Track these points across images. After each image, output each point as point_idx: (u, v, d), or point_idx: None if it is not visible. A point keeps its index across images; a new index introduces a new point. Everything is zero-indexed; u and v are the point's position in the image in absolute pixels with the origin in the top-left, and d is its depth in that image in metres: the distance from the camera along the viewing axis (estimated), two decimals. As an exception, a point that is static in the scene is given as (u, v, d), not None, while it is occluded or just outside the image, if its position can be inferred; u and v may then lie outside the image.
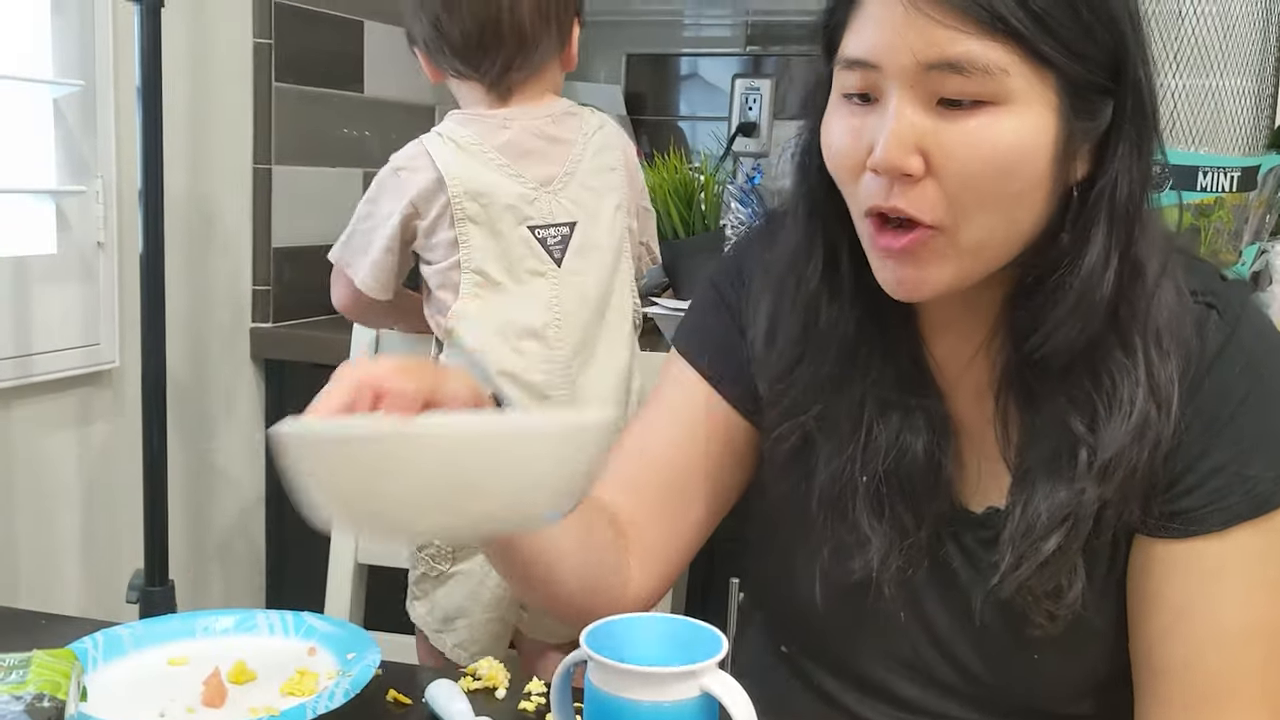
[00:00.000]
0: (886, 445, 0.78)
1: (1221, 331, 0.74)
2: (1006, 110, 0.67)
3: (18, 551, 1.42)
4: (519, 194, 1.20)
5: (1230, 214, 1.53)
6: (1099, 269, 0.70)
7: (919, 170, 0.68)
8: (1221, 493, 0.74)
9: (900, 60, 0.68)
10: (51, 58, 1.38)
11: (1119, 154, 0.70)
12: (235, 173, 1.69)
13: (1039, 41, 0.67)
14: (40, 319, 1.39)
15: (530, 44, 1.20)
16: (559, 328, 1.20)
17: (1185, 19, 1.69)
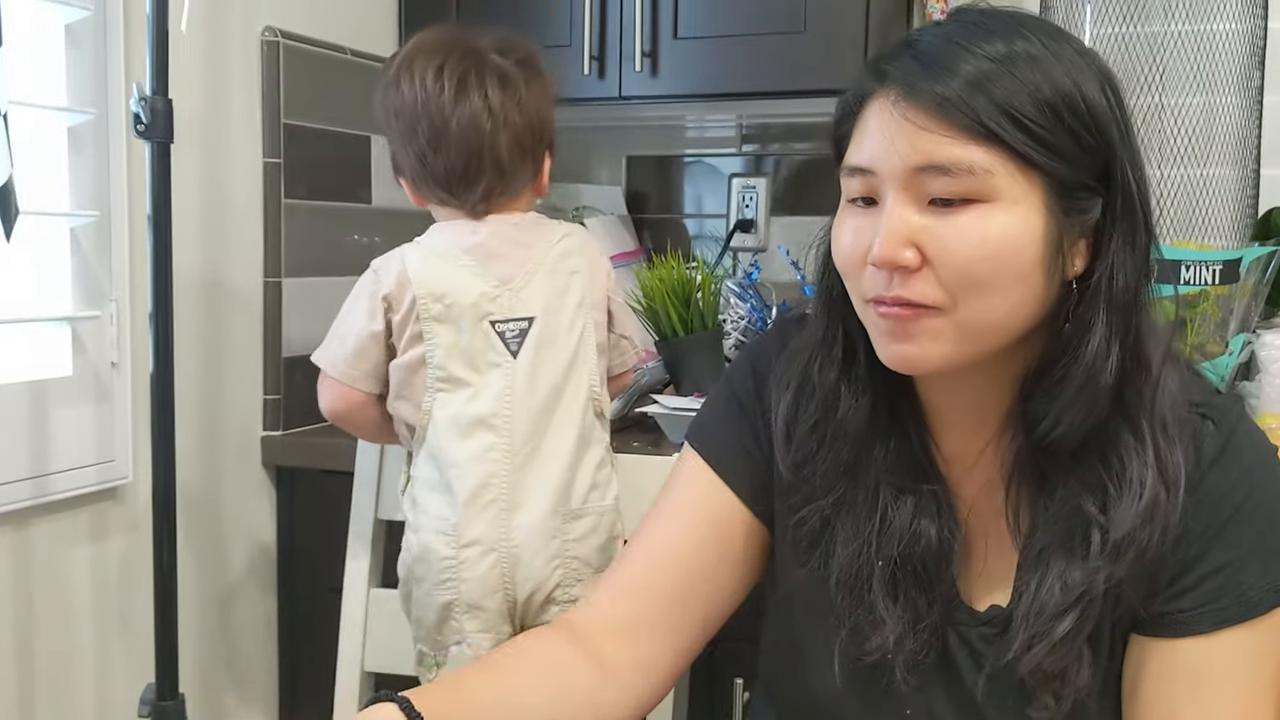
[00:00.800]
0: (901, 530, 0.82)
1: (1217, 440, 0.79)
2: (994, 207, 0.73)
3: (34, 666, 1.45)
4: (482, 292, 1.28)
5: (1215, 305, 1.55)
6: (1101, 356, 0.75)
7: (914, 262, 0.74)
8: (1214, 595, 0.77)
9: (893, 165, 0.75)
10: (69, 191, 1.44)
11: (1112, 249, 0.75)
12: (246, 286, 1.75)
13: (1022, 146, 0.72)
14: (56, 439, 1.44)
15: (508, 175, 1.30)
16: (508, 417, 1.27)
17: (1168, 111, 1.74)
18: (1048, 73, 0.74)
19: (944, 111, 0.72)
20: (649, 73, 1.86)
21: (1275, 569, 0.78)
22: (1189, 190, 1.72)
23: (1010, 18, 0.78)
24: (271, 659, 1.84)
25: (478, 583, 1.28)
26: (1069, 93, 0.73)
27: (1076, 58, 0.76)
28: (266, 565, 1.82)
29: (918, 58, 0.75)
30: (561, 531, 1.28)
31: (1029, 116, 0.72)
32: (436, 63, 1.30)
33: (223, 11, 1.67)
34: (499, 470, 1.27)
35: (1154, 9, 1.74)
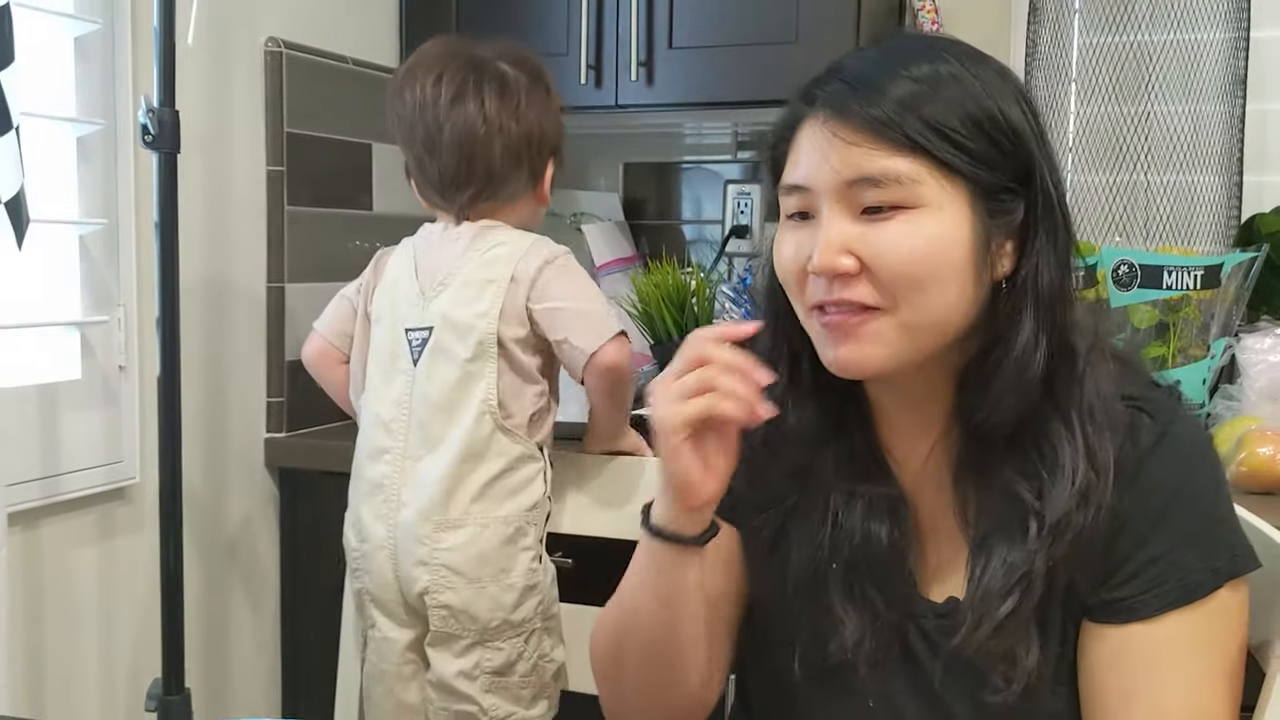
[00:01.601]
0: (852, 532, 0.86)
1: (1153, 432, 0.82)
2: (922, 212, 0.78)
3: (45, 662, 1.49)
4: (405, 297, 1.38)
5: (1198, 309, 1.59)
6: (1029, 349, 0.79)
7: (852, 268, 0.79)
8: (1157, 581, 0.81)
9: (827, 180, 0.79)
10: (78, 199, 1.48)
11: (1036, 248, 0.80)
12: (250, 292, 1.79)
13: (945, 155, 0.78)
14: (65, 440, 1.48)
15: (498, 181, 1.37)
16: (404, 423, 1.35)
17: (1154, 119, 1.78)
18: (968, 90, 0.79)
19: (872, 127, 0.77)
20: (644, 82, 1.90)
21: (1214, 552, 0.81)
22: (1174, 197, 1.75)
23: (934, 43, 0.84)
24: (274, 655, 1.87)
25: (376, 574, 1.37)
26: (988, 107, 0.78)
27: (996, 77, 0.81)
28: (269, 564, 1.85)
29: (845, 81, 0.80)
30: (432, 539, 1.32)
31: (951, 128, 0.77)
32: (437, 71, 1.36)
33: (227, 23, 1.71)
34: (390, 472, 1.35)
35: (1140, 19, 1.77)
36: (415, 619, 1.38)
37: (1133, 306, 1.58)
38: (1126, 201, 1.76)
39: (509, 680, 1.36)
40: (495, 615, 1.34)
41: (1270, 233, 1.67)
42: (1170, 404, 0.84)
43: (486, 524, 1.33)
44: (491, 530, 1.33)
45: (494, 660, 1.35)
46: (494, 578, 1.33)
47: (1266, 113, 1.81)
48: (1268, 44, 1.80)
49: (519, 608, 1.35)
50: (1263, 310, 1.69)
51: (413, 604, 1.36)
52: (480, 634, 1.34)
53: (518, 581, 1.35)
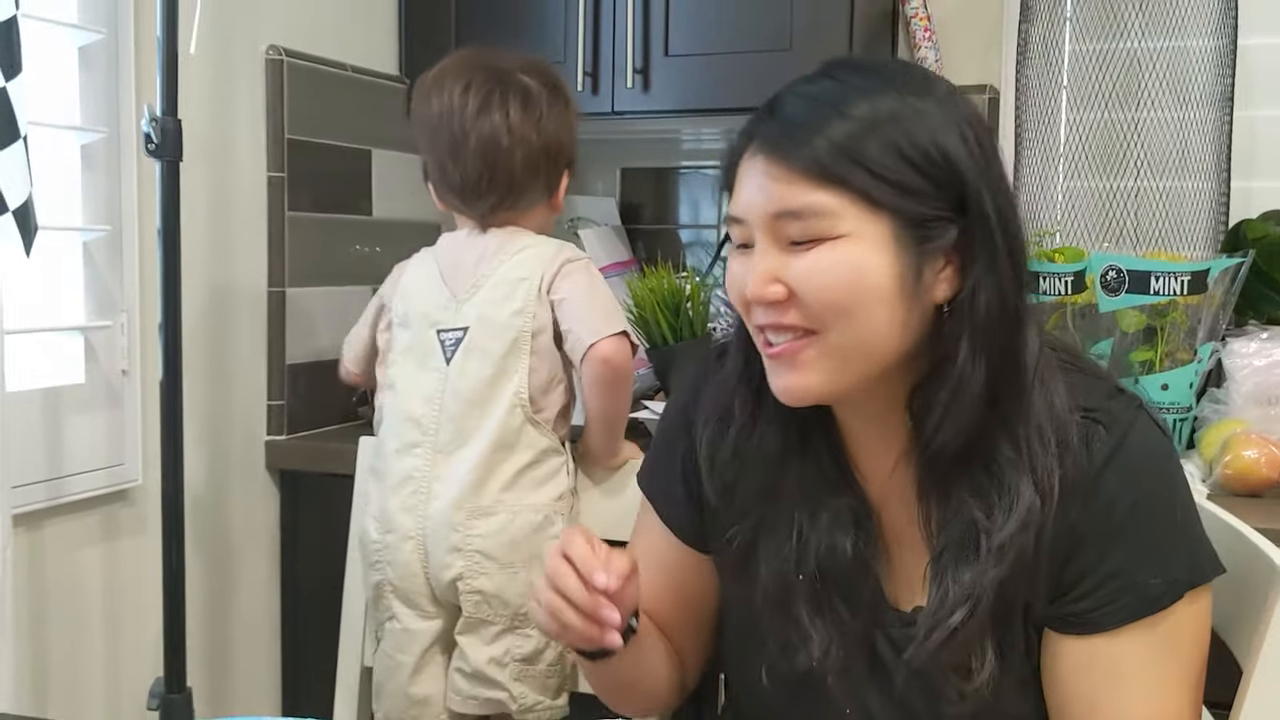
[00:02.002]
0: (817, 545, 0.88)
1: (1107, 445, 0.83)
2: (840, 242, 0.81)
3: (49, 662, 1.51)
4: (435, 301, 1.43)
5: (1185, 314, 1.61)
6: (967, 371, 0.81)
7: (781, 296, 0.82)
8: (1116, 594, 0.83)
9: (758, 213, 0.83)
10: (82, 206, 1.51)
11: (974, 273, 0.81)
12: (251, 296, 1.81)
13: (868, 188, 0.80)
14: (69, 443, 1.50)
15: (517, 190, 1.42)
16: (435, 418, 1.40)
17: (1143, 125, 1.80)
18: (902, 126, 0.81)
19: (798, 165, 0.80)
20: (641, 88, 1.92)
21: (1172, 564, 0.83)
22: (1163, 202, 1.77)
23: (874, 73, 0.85)
24: (275, 655, 1.90)
25: (401, 566, 1.40)
26: (921, 142, 0.80)
27: (936, 108, 0.82)
28: (270, 565, 1.88)
29: (777, 119, 0.83)
30: (465, 525, 1.37)
31: (877, 162, 0.79)
32: (465, 80, 1.41)
33: (229, 32, 1.73)
34: (421, 465, 1.40)
35: (1130, 26, 1.79)
36: (440, 610, 1.41)
37: (1121, 311, 1.61)
38: (1116, 207, 1.79)
39: (536, 669, 1.40)
40: (526, 601, 1.36)
41: (1257, 238, 1.69)
42: (1127, 414, 0.85)
43: (518, 511, 1.38)
44: (522, 517, 1.38)
45: (524, 648, 1.39)
46: (526, 563, 1.38)
47: (1254, 119, 1.83)
48: (1256, 51, 1.82)
49: None
50: (1250, 315, 1.71)
51: (441, 593, 1.40)
52: (511, 619, 1.38)
53: None
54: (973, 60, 2.00)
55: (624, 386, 1.43)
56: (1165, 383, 1.59)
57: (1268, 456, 1.45)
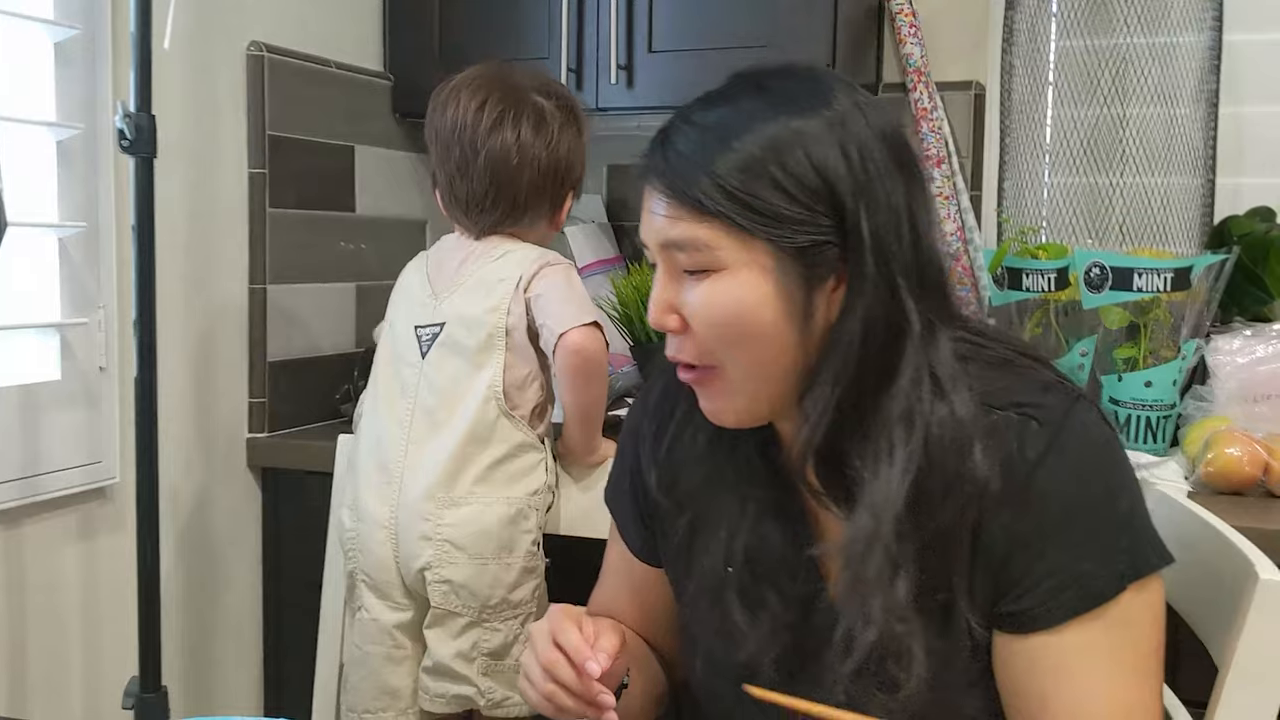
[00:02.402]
0: (747, 537, 0.90)
1: (1041, 439, 0.82)
2: (722, 275, 0.82)
3: (26, 661, 1.50)
4: (418, 299, 1.46)
5: (1168, 311, 1.60)
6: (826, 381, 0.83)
7: (676, 326, 0.85)
8: (1057, 591, 0.82)
9: (650, 241, 0.86)
10: (57, 202, 1.50)
11: (848, 295, 0.82)
12: (232, 294, 1.80)
13: (740, 219, 0.81)
14: (46, 441, 1.49)
15: (520, 210, 1.45)
16: (409, 410, 1.42)
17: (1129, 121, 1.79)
18: (776, 150, 0.80)
19: (676, 197, 0.82)
20: (624, 85, 1.91)
21: (1114, 556, 0.82)
22: (1148, 199, 1.77)
23: (770, 93, 0.84)
24: (256, 653, 1.89)
25: (372, 554, 1.41)
26: (795, 166, 0.80)
27: (824, 127, 0.81)
28: (251, 563, 1.87)
29: (664, 150, 0.85)
30: (435, 515, 1.37)
31: (747, 192, 0.80)
32: (481, 97, 1.43)
33: (210, 27, 1.72)
34: (395, 455, 1.41)
35: (1116, 22, 1.79)
36: (411, 600, 1.41)
37: (1104, 308, 1.60)
38: (1102, 203, 1.78)
39: (505, 664, 1.40)
40: (495, 593, 1.38)
41: (1242, 235, 1.69)
42: (1062, 406, 0.83)
43: (490, 503, 1.38)
44: (494, 509, 1.38)
45: (491, 641, 1.39)
46: (495, 555, 1.38)
47: (1240, 115, 1.82)
48: (1241, 47, 1.81)
49: (518, 588, 1.39)
50: (1235, 312, 1.70)
51: (411, 584, 1.40)
52: (479, 612, 1.38)
53: (518, 562, 1.39)
54: (958, 56, 2.00)
55: (596, 377, 1.43)
56: (1149, 380, 1.59)
57: (1250, 454, 1.44)
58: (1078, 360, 1.64)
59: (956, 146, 1.98)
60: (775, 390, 0.85)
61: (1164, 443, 1.61)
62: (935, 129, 1.94)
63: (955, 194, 1.95)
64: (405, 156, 2.13)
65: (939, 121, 1.95)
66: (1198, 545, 1.06)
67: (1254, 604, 0.91)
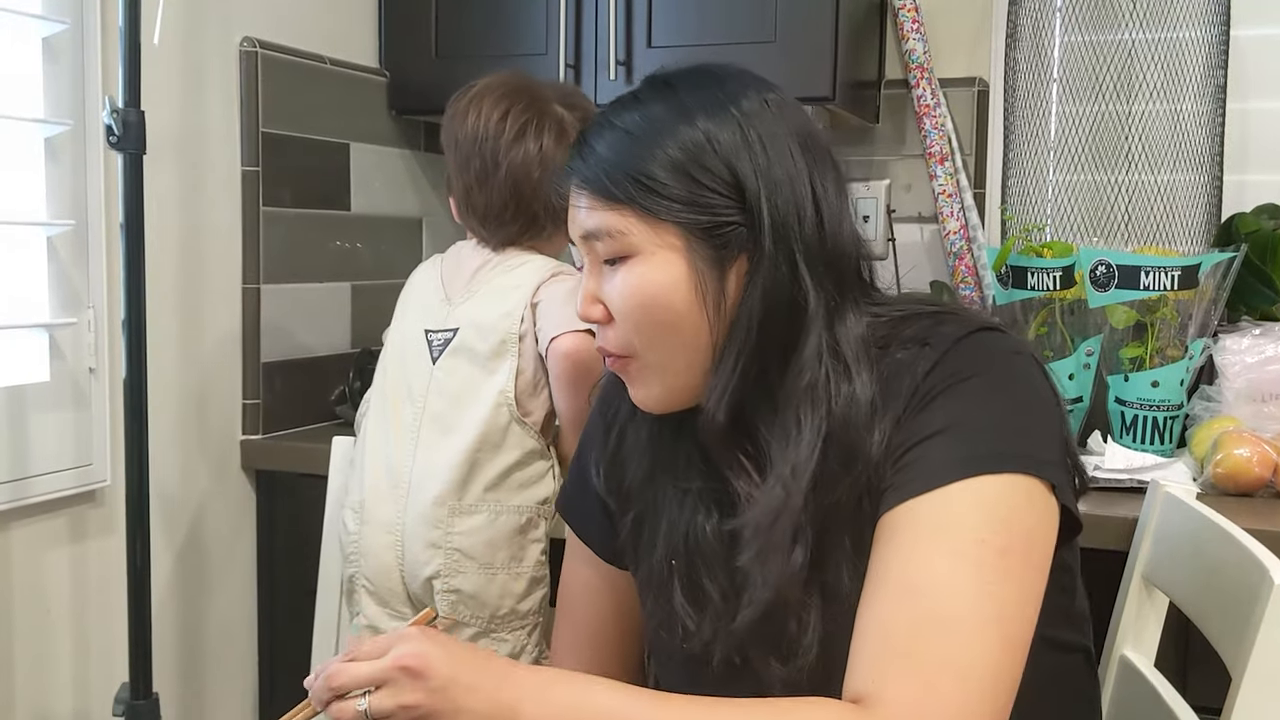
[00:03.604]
0: (684, 529, 0.92)
1: (929, 358, 0.84)
2: (639, 260, 0.85)
3: (15, 667, 1.48)
4: (428, 304, 1.44)
5: (1175, 310, 1.58)
6: (730, 355, 0.85)
7: (601, 316, 0.89)
8: (904, 472, 0.82)
9: (574, 236, 0.90)
10: (45, 200, 1.47)
11: (750, 274, 0.85)
12: (225, 293, 1.78)
13: (646, 203, 0.84)
14: (35, 443, 1.47)
15: (538, 225, 1.44)
16: (418, 413, 1.40)
17: (1134, 117, 1.77)
18: (676, 135, 0.84)
19: (588, 188, 0.87)
20: (623, 81, 1.89)
21: (964, 446, 0.80)
22: (1154, 196, 1.74)
23: (669, 86, 0.88)
24: (251, 659, 1.87)
25: (374, 559, 1.39)
26: (695, 150, 0.84)
27: (728, 120, 0.85)
28: (246, 567, 1.84)
29: (580, 147, 0.89)
30: (446, 522, 1.35)
31: (649, 176, 0.84)
32: (504, 106, 1.41)
33: (201, 23, 1.70)
34: (403, 459, 1.39)
35: (1121, 17, 1.76)
36: (412, 609, 1.39)
37: (1110, 307, 1.57)
38: (1108, 201, 1.76)
39: None
40: (504, 603, 1.36)
41: (1250, 232, 1.66)
42: (958, 332, 0.85)
43: (500, 512, 1.36)
44: (505, 518, 1.36)
45: (499, 652, 1.37)
46: (505, 565, 1.36)
47: (1247, 112, 1.80)
48: (1248, 42, 1.79)
49: (527, 598, 1.37)
50: (1242, 310, 1.68)
51: (416, 592, 1.38)
52: (487, 622, 1.36)
53: (527, 571, 1.37)
54: (961, 52, 1.98)
55: (587, 383, 1.40)
56: (1155, 380, 1.56)
57: (1260, 455, 1.42)
58: (1083, 360, 1.62)
59: (960, 143, 1.96)
60: (693, 373, 0.87)
61: (1171, 444, 1.58)
62: (938, 125, 1.92)
63: (958, 191, 1.93)
64: (401, 154, 2.11)
65: (942, 118, 1.93)
66: (1208, 548, 1.04)
67: (1269, 608, 0.89)
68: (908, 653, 0.75)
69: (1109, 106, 1.78)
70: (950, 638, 0.74)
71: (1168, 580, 1.14)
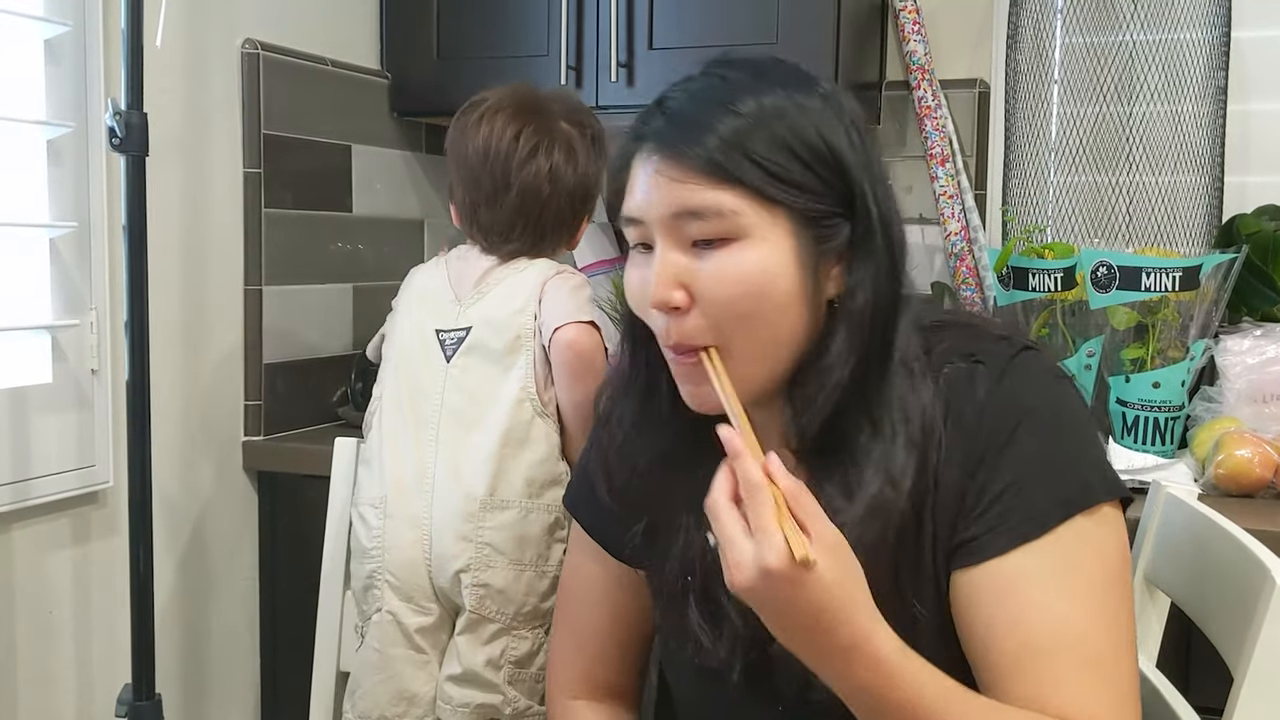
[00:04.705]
0: (701, 547, 0.87)
1: (987, 380, 0.84)
2: (746, 243, 0.80)
3: (18, 668, 1.48)
4: (438, 304, 1.44)
5: (1176, 311, 1.58)
6: (839, 362, 0.82)
7: (684, 302, 0.81)
8: (1004, 517, 0.82)
9: (657, 213, 0.81)
10: (48, 202, 1.47)
11: (858, 271, 0.82)
12: (227, 294, 1.78)
13: (764, 185, 0.80)
14: (38, 444, 1.47)
15: (547, 239, 1.45)
16: (436, 410, 1.40)
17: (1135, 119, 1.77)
18: (790, 121, 0.81)
19: (693, 163, 0.80)
20: (625, 82, 1.89)
21: (1059, 485, 0.82)
22: (1155, 197, 1.74)
23: (761, 70, 0.85)
24: (253, 660, 1.87)
25: (400, 554, 1.38)
26: (809, 136, 0.81)
27: (821, 104, 0.83)
28: (248, 568, 1.85)
29: (668, 117, 0.83)
30: (478, 517, 1.36)
31: (767, 158, 0.79)
32: (517, 125, 1.41)
33: (204, 25, 1.70)
34: (426, 456, 1.39)
35: (1122, 19, 1.76)
36: (438, 605, 1.39)
37: (1111, 308, 1.58)
38: (1109, 202, 1.76)
39: (528, 672, 1.39)
40: (529, 600, 1.37)
41: (1251, 234, 1.67)
42: (1009, 352, 0.85)
43: (530, 509, 1.37)
44: (535, 515, 1.37)
45: (518, 650, 1.38)
46: (533, 563, 1.37)
47: (1248, 113, 1.80)
48: (1249, 44, 1.79)
49: (549, 597, 1.38)
50: (1243, 311, 1.68)
51: (442, 587, 1.38)
52: (511, 619, 1.37)
53: (551, 570, 1.38)
54: (962, 54, 1.98)
55: (590, 375, 1.41)
56: (1157, 381, 1.56)
57: (1261, 456, 1.42)
58: (1085, 361, 1.62)
59: (960, 145, 1.96)
60: (768, 369, 0.83)
61: (1172, 445, 1.58)
62: (939, 127, 1.92)
63: (959, 193, 1.93)
64: (402, 155, 2.11)
65: (943, 120, 1.93)
66: (1210, 549, 1.04)
67: (1270, 609, 0.89)
68: (1071, 701, 0.78)
69: (1110, 108, 1.78)
70: (1106, 674, 0.80)
71: (1169, 581, 1.14)
